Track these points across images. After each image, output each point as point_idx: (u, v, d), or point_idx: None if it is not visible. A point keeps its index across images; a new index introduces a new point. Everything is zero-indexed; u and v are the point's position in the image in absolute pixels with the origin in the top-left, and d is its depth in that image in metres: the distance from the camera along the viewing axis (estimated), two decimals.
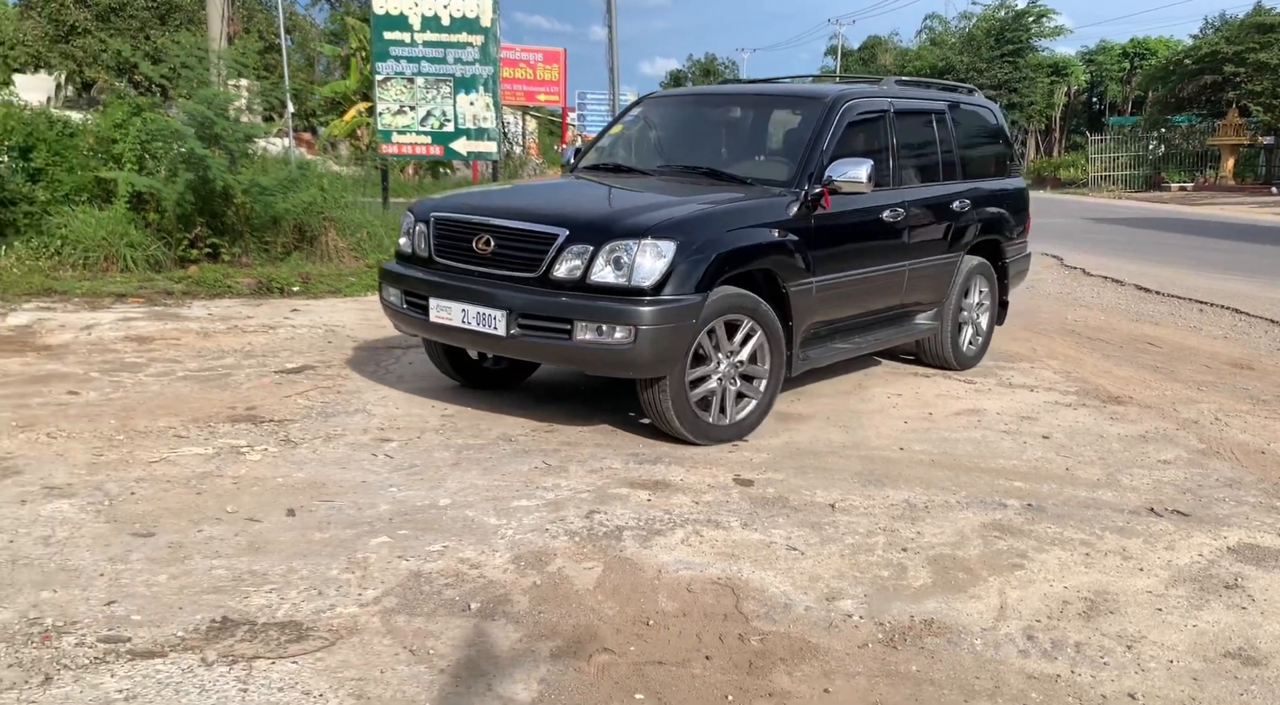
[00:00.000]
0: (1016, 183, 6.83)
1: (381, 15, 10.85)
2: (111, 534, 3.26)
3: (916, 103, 5.96)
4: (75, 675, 2.38)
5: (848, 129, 5.23)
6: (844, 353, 5.38)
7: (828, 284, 5.00)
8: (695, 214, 4.60)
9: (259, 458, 4.14)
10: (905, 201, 5.52)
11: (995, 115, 6.86)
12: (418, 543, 3.31)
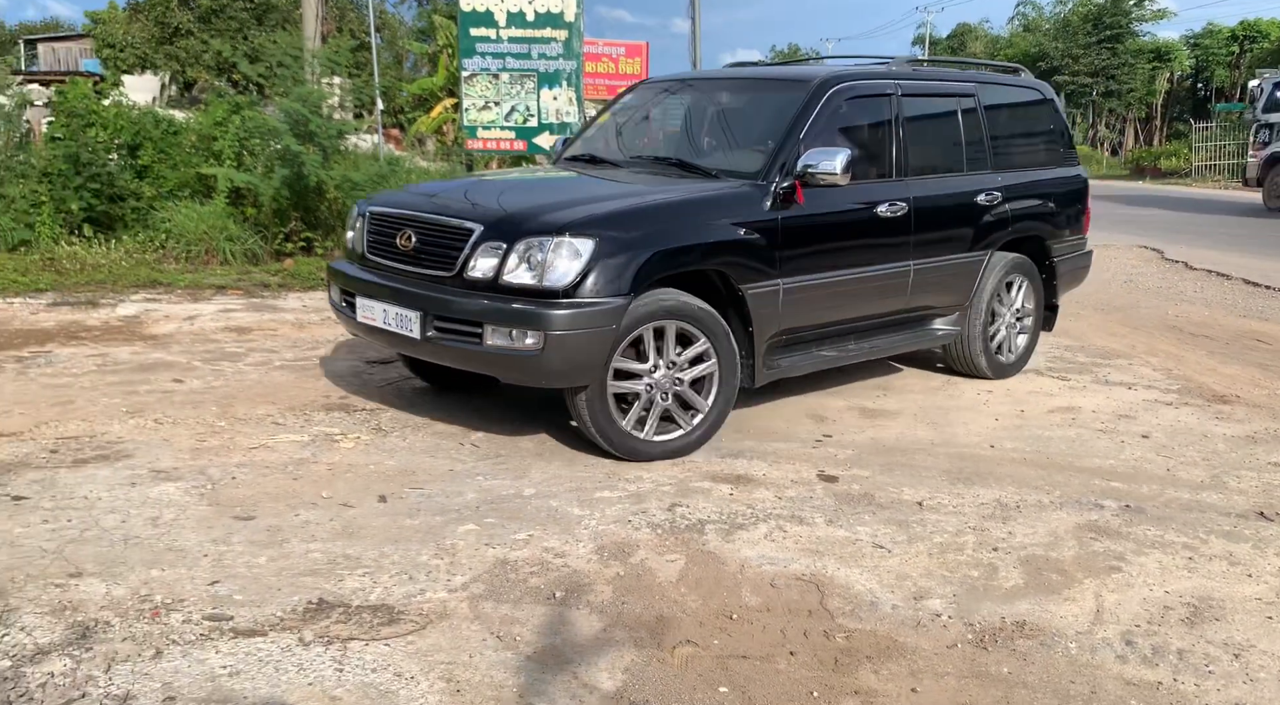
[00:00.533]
0: (1070, 173, 6.09)
1: (468, 12, 11.01)
2: (214, 517, 3.40)
3: (931, 85, 5.43)
4: (183, 650, 2.49)
5: (835, 116, 4.76)
6: (831, 361, 4.89)
7: (801, 286, 4.51)
8: (623, 210, 4.30)
9: (352, 445, 4.26)
10: (910, 195, 4.95)
11: (1045, 98, 6.11)
12: (504, 531, 3.36)
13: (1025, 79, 6.14)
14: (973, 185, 5.35)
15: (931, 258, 5.12)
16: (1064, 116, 6.26)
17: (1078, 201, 6.07)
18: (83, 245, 8.32)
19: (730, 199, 4.45)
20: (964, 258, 5.31)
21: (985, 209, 5.36)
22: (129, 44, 30.15)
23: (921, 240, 5.04)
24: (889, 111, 5.04)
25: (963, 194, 5.31)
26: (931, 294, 5.24)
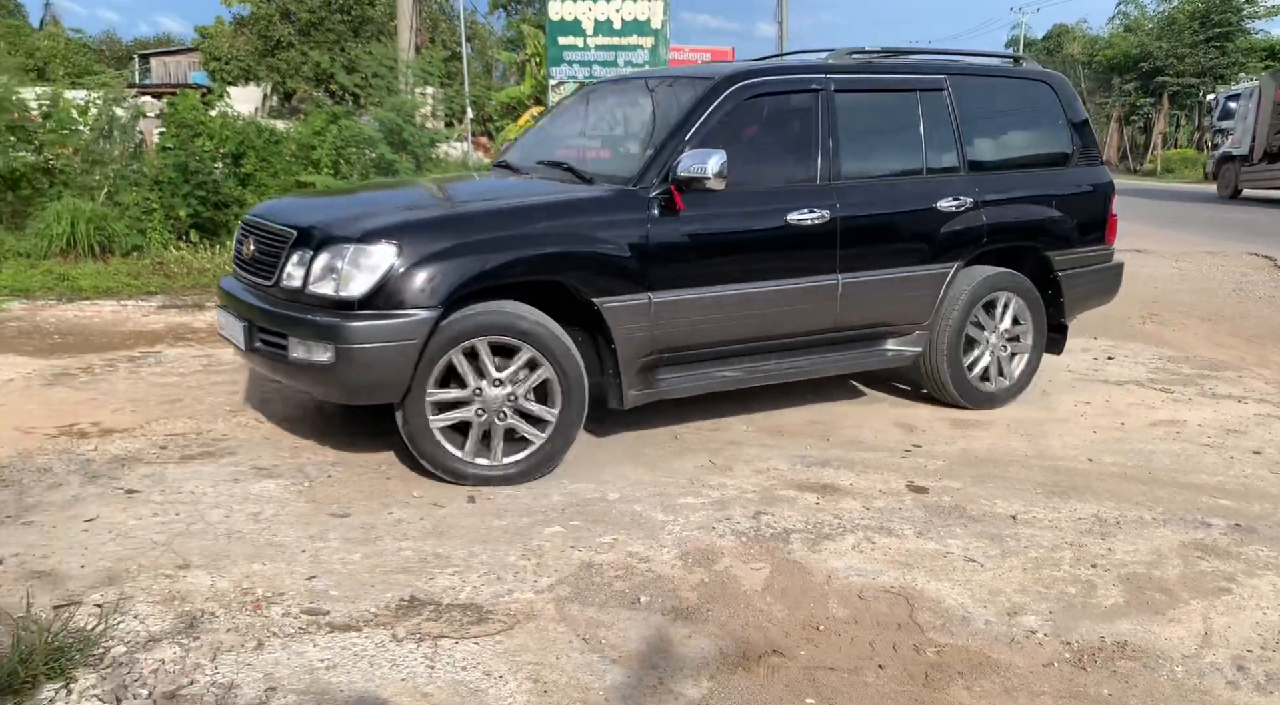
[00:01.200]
0: (1084, 176, 5.32)
1: (556, 21, 11.17)
2: (312, 513, 3.51)
3: (876, 79, 4.82)
4: (283, 643, 2.58)
5: (734, 116, 4.33)
6: (735, 381, 4.45)
7: (680, 302, 4.12)
8: (437, 217, 4.07)
9: None
10: (835, 202, 4.43)
11: (1053, 90, 5.30)
12: (589, 534, 3.39)
13: (1027, 69, 5.45)
14: (930, 190, 4.74)
15: (868, 271, 4.56)
16: (1079, 111, 5.41)
17: (1094, 207, 5.31)
18: (189, 250, 8.71)
19: (590, 205, 4.15)
20: (917, 271, 4.71)
21: (948, 217, 4.74)
22: (234, 57, 31.45)
23: (853, 252, 4.50)
24: (813, 109, 4.53)
25: (914, 200, 4.72)
26: (873, 311, 4.69)
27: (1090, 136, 5.44)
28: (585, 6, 10.94)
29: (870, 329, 4.79)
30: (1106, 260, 5.43)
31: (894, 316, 4.80)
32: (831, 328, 4.62)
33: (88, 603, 2.74)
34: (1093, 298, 5.47)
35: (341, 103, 17.16)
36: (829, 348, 4.71)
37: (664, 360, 4.26)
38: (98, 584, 2.87)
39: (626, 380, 4.13)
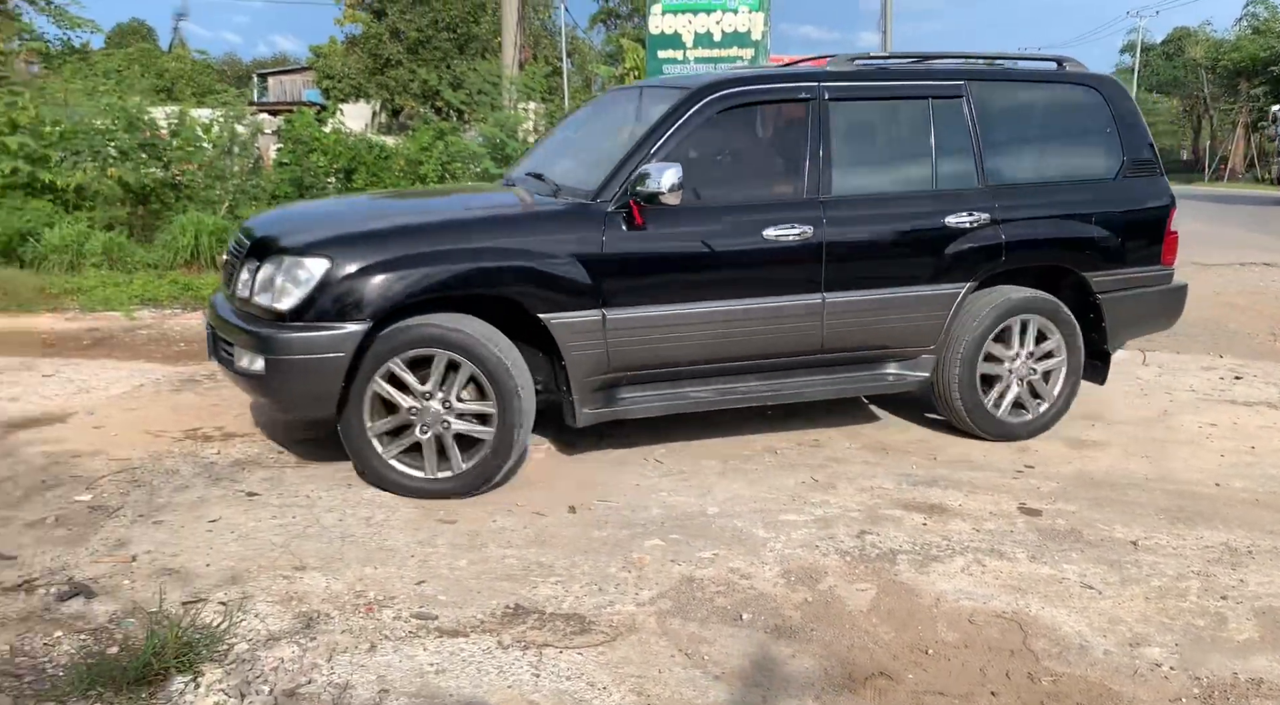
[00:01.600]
0: (1134, 190, 4.80)
1: (656, 34, 11.25)
2: (420, 519, 3.60)
3: (879, 87, 4.51)
4: (394, 646, 2.65)
5: (707, 128, 4.18)
6: (705, 403, 4.28)
7: (639, 320, 3.99)
8: (375, 230, 3.93)
9: (543, 456, 4.41)
10: (822, 217, 4.19)
11: (1101, 95, 4.79)
12: (689, 548, 3.38)
13: (1069, 73, 4.86)
14: (937, 205, 4.42)
15: (860, 291, 4.30)
16: (1133, 118, 4.87)
17: (1145, 225, 4.80)
18: None
19: (542, 219, 4.10)
20: (919, 292, 4.39)
21: (957, 234, 4.40)
22: (345, 75, 32.68)
23: (841, 270, 4.25)
24: (802, 120, 4.32)
25: (915, 215, 4.42)
26: (867, 333, 4.41)
27: (1144, 147, 4.87)
28: (685, 19, 10.99)
29: (866, 352, 4.49)
30: (1163, 283, 4.90)
31: (893, 339, 4.48)
32: (820, 349, 4.36)
33: (213, 600, 2.87)
34: (1145, 323, 5.00)
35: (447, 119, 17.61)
36: (820, 370, 4.46)
37: (627, 378, 4.15)
38: (222, 582, 3.00)
39: (579, 397, 4.03)
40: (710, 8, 10.90)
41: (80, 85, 11.22)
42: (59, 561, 3.14)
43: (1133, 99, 4.99)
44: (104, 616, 2.76)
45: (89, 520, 3.52)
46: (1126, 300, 4.75)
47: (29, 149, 9.44)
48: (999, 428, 4.65)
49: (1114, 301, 4.71)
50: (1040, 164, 4.80)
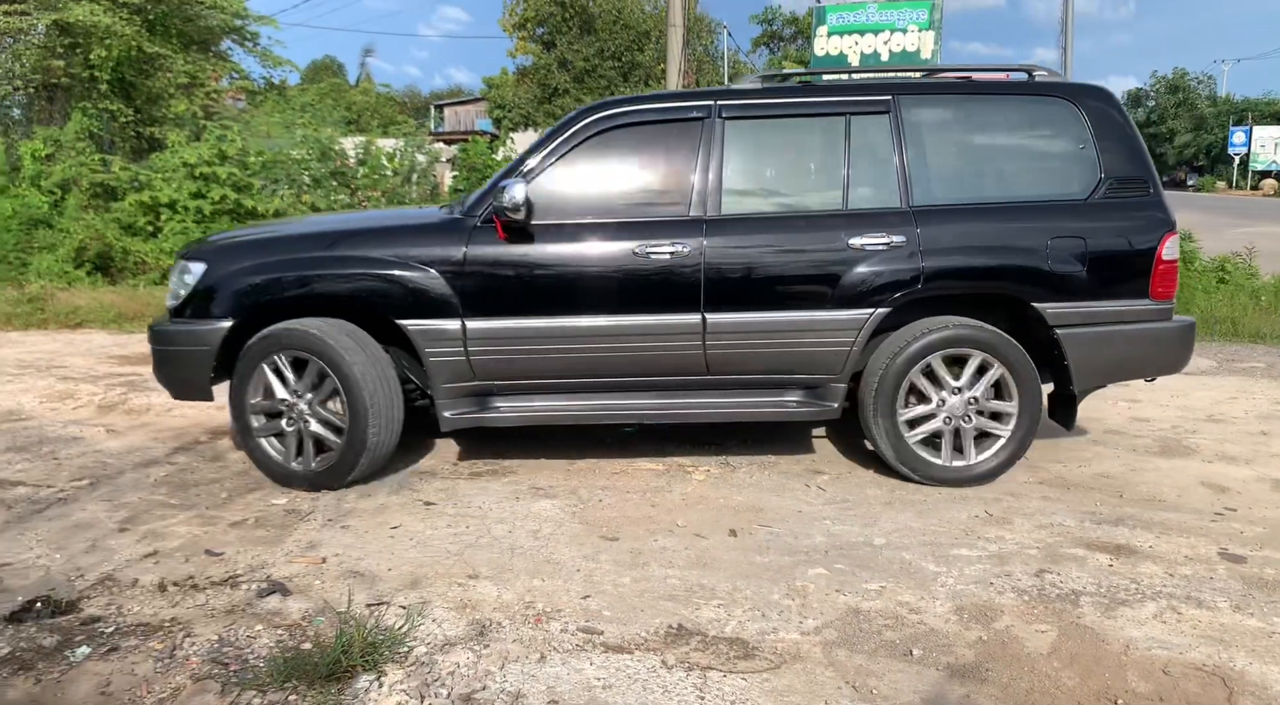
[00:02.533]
0: (1111, 212, 4.21)
1: (822, 56, 11.17)
2: (584, 534, 3.68)
3: (784, 104, 4.33)
4: (562, 658, 2.71)
5: (592, 147, 4.22)
6: (581, 417, 4.28)
7: (498, 331, 4.11)
8: (251, 240, 4.45)
9: (702, 478, 4.42)
10: (703, 236, 4.10)
11: (1076, 108, 4.29)
12: (854, 579, 3.30)
13: (1037, 83, 4.42)
14: (843, 226, 4.17)
15: (746, 313, 4.15)
16: (1119, 133, 4.30)
17: (1124, 251, 4.21)
18: None
19: (410, 232, 4.29)
20: (817, 316, 4.16)
21: (865, 257, 4.13)
22: (515, 105, 34.08)
23: (724, 290, 4.13)
24: (693, 139, 4.24)
25: (815, 237, 4.18)
26: (759, 357, 4.23)
27: (1131, 164, 4.28)
28: (852, 40, 10.87)
29: (763, 376, 4.31)
30: (1153, 319, 4.23)
31: (791, 365, 4.27)
32: (705, 370, 4.26)
33: (394, 604, 3.02)
34: (1128, 365, 4.36)
35: None
36: (716, 391, 4.34)
37: (499, 388, 4.26)
38: (402, 587, 3.16)
39: (441, 402, 4.21)
40: (878, 28, 10.74)
41: (279, 118, 12.20)
42: (258, 560, 3.39)
43: (1122, 111, 4.37)
44: (298, 614, 2.96)
45: (284, 522, 3.78)
46: (1098, 337, 4.21)
47: (235, 178, 10.32)
48: (926, 470, 4.27)
49: (1079, 338, 4.19)
50: (989, 183, 4.33)
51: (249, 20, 17.19)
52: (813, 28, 11.36)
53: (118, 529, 3.70)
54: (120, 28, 14.30)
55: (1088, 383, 4.30)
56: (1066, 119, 4.30)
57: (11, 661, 2.63)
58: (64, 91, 15.03)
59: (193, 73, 15.68)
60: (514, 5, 34.36)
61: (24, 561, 3.36)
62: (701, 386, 4.34)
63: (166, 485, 4.25)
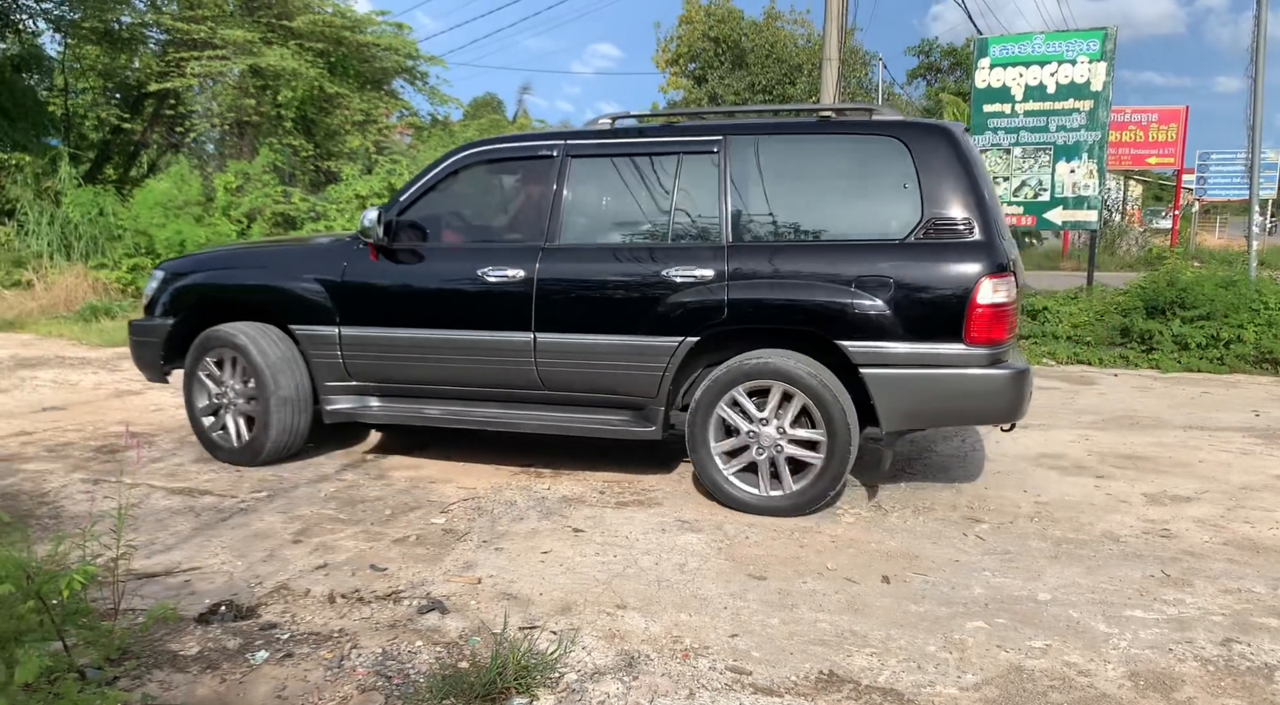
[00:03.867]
0: (924, 255, 4.13)
1: (983, 88, 10.85)
2: (731, 571, 3.65)
3: (620, 144, 4.67)
4: (711, 696, 2.69)
5: (458, 181, 4.89)
6: (434, 420, 4.84)
7: (363, 337, 4.82)
8: (196, 257, 5.69)
9: (853, 520, 4.32)
10: (537, 263, 4.53)
11: (907, 148, 4.25)
12: (1017, 635, 3.14)
13: (870, 122, 4.41)
14: (658, 259, 4.41)
15: (570, 334, 4.50)
16: (949, 173, 4.18)
17: (933, 295, 4.10)
18: None
19: (309, 252, 5.24)
20: (631, 341, 4.42)
21: (676, 289, 4.35)
22: None
23: (552, 313, 4.52)
24: (543, 176, 4.68)
25: (632, 268, 4.45)
26: (583, 376, 4.56)
27: (956, 205, 4.14)
28: (1016, 72, 10.52)
29: (591, 394, 4.63)
30: (967, 365, 4.10)
31: (612, 385, 4.55)
32: (539, 386, 4.66)
33: (545, 628, 3.08)
34: (933, 409, 4.23)
35: None
36: (551, 406, 4.71)
37: (374, 389, 4.95)
38: (553, 612, 3.22)
39: (324, 398, 4.97)
40: (1045, 59, 10.36)
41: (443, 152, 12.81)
42: (419, 577, 3.53)
43: (960, 151, 4.23)
44: (455, 632, 3.06)
45: (442, 541, 3.93)
46: (899, 379, 4.16)
47: None
48: (735, 500, 4.37)
49: (883, 378, 4.17)
50: (810, 222, 4.43)
51: (420, 61, 18.21)
52: (973, 60, 11.06)
53: (292, 540, 3.93)
54: (305, 70, 15.41)
55: (897, 424, 4.27)
56: (894, 158, 4.29)
57: (201, 660, 2.83)
58: (253, 128, 16.30)
59: (367, 110, 16.71)
60: (667, 42, 35.04)
61: (210, 567, 3.63)
62: (540, 400, 4.74)
63: (335, 500, 4.50)
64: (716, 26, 33.33)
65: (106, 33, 16.75)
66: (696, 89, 33.79)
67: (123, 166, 19.00)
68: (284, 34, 16.30)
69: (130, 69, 17.91)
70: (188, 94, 16.95)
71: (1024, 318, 10.00)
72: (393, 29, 17.89)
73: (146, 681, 2.68)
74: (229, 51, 15.67)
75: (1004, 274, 4.10)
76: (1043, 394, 7.42)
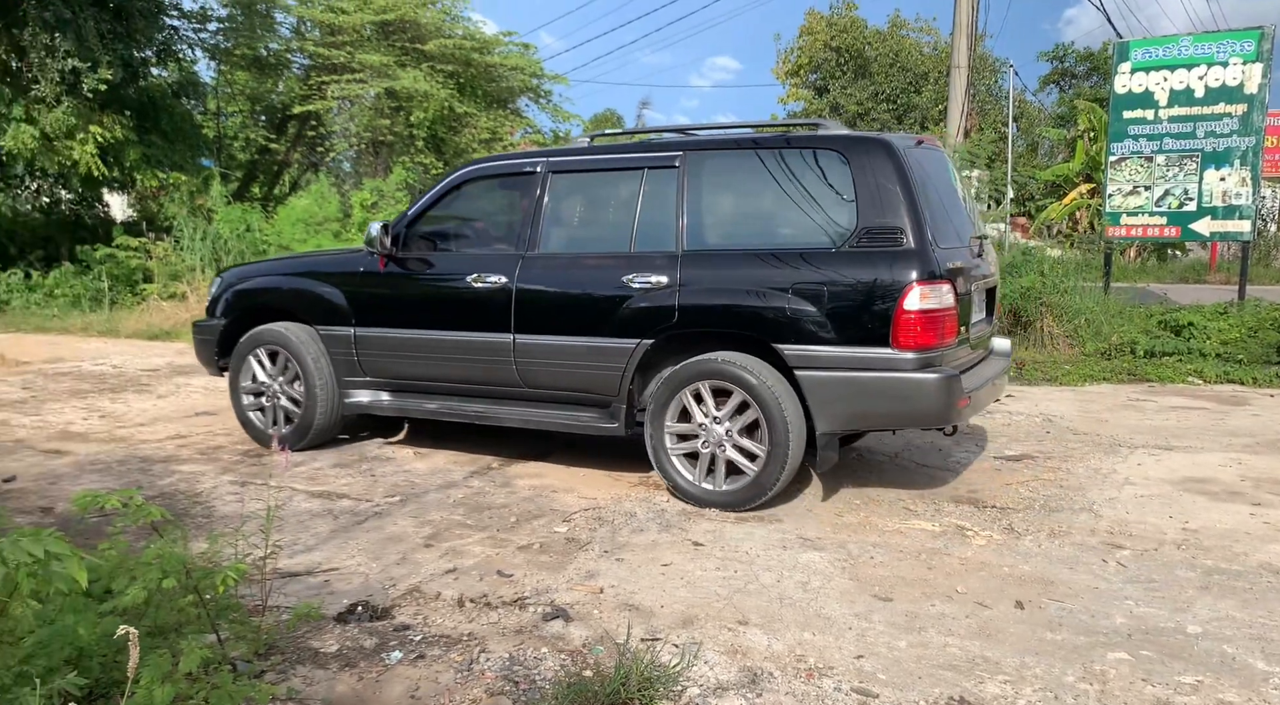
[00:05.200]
0: (856, 263, 4.30)
1: (1123, 94, 10.38)
2: (855, 592, 3.58)
3: (594, 160, 5.07)
4: None
5: (459, 198, 5.38)
6: (431, 413, 5.36)
7: (372, 336, 5.37)
8: (249, 267, 6.37)
9: (983, 543, 4.17)
10: (515, 270, 4.97)
11: (846, 161, 4.40)
12: (1164, 669, 2.97)
13: (813, 137, 4.69)
14: (620, 266, 4.73)
15: (544, 335, 4.90)
16: (884, 185, 4.31)
17: (863, 302, 4.28)
18: None
19: (340, 262, 5.67)
20: (595, 342, 4.77)
21: (634, 294, 4.66)
22: None
23: (529, 315, 4.93)
24: (528, 190, 5.07)
25: (597, 274, 4.83)
26: (554, 374, 4.96)
27: (888, 216, 4.29)
28: (1160, 76, 10.01)
29: (562, 392, 4.99)
30: (895, 369, 4.24)
31: (580, 383, 4.91)
32: (519, 383, 5.06)
33: (667, 641, 3.10)
34: (864, 411, 4.40)
35: None
36: (532, 403, 5.11)
37: (384, 384, 5.49)
38: (674, 625, 3.23)
39: (340, 391, 5.54)
40: (1192, 62, 9.82)
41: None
42: (543, 584, 3.60)
43: (896, 164, 4.35)
44: (579, 641, 3.11)
45: (565, 550, 4.00)
46: (831, 381, 4.35)
47: None
48: (683, 491, 4.67)
49: (814, 380, 4.38)
50: (756, 232, 4.69)
51: (544, 80, 18.66)
52: (1113, 64, 10.57)
53: (423, 544, 4.07)
54: (437, 91, 16.01)
55: (831, 425, 4.43)
56: (835, 170, 4.47)
57: (340, 658, 2.96)
58: (387, 147, 17.03)
59: (493, 128, 17.24)
60: (787, 53, 34.82)
61: (348, 567, 3.79)
62: (521, 397, 5.14)
63: (464, 506, 4.64)
64: (839, 36, 32.93)
65: (255, 59, 17.84)
66: (817, 100, 33.45)
67: (268, 185, 20.16)
68: (417, 57, 17.00)
69: (275, 93, 19.01)
70: (327, 116, 17.86)
71: (1168, 334, 9.47)
72: (519, 49, 18.43)
73: (290, 676, 2.82)
74: (366, 75, 16.43)
75: (934, 281, 4.25)
76: (1188, 414, 7.01)
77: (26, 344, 10.85)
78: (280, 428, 5.64)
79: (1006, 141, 17.26)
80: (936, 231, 4.38)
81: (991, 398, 4.98)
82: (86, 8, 12.37)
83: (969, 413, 4.58)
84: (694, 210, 4.70)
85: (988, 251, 5.22)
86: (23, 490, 4.85)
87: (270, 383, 5.67)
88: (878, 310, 4.26)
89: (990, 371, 4.95)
